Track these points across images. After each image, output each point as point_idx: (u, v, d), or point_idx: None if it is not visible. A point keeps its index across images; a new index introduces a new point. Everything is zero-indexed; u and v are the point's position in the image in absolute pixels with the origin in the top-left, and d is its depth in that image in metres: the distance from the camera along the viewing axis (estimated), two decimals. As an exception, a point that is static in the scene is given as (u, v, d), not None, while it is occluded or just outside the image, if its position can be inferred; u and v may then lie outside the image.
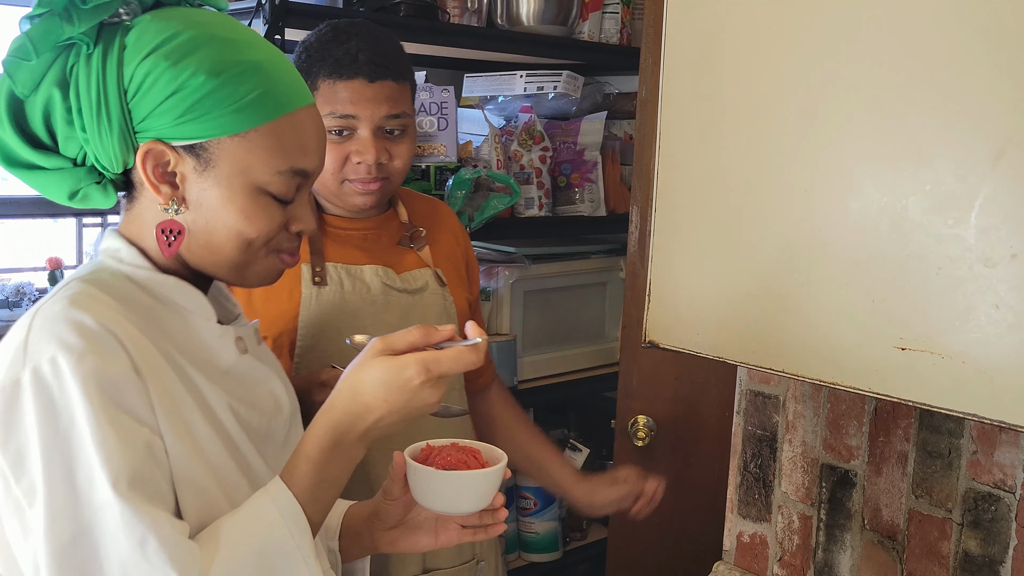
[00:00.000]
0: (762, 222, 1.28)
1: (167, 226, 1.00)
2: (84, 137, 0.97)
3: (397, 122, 1.54)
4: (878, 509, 1.60)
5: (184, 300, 1.04)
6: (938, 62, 1.09)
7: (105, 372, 0.90)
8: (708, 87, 1.34)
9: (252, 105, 0.97)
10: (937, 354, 1.11)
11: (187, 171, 0.99)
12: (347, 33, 1.53)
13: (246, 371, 1.09)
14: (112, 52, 0.95)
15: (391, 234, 1.67)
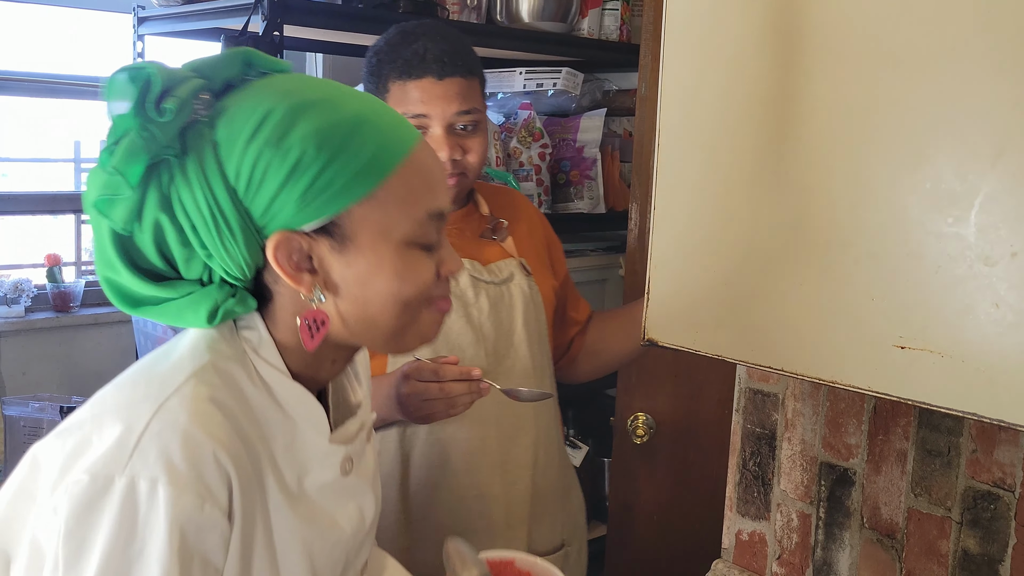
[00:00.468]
0: (761, 220, 1.27)
1: (311, 316, 0.92)
2: (206, 253, 0.89)
3: (468, 118, 1.55)
4: (877, 507, 1.59)
5: (302, 410, 0.96)
6: (938, 58, 1.09)
7: (198, 516, 0.84)
8: (708, 84, 1.34)
9: (372, 162, 0.90)
10: (936, 353, 1.10)
11: (324, 253, 0.91)
12: (414, 34, 1.54)
13: (342, 490, 1.02)
14: (206, 155, 0.87)
15: (473, 227, 1.69)
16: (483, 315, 1.61)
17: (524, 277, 1.68)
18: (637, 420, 2.41)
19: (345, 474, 1.01)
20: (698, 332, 1.38)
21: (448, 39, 1.55)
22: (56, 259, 3.17)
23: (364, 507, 1.06)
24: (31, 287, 3.10)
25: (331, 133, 0.89)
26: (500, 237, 1.69)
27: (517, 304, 1.65)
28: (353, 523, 1.04)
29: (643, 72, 2.36)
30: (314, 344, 0.93)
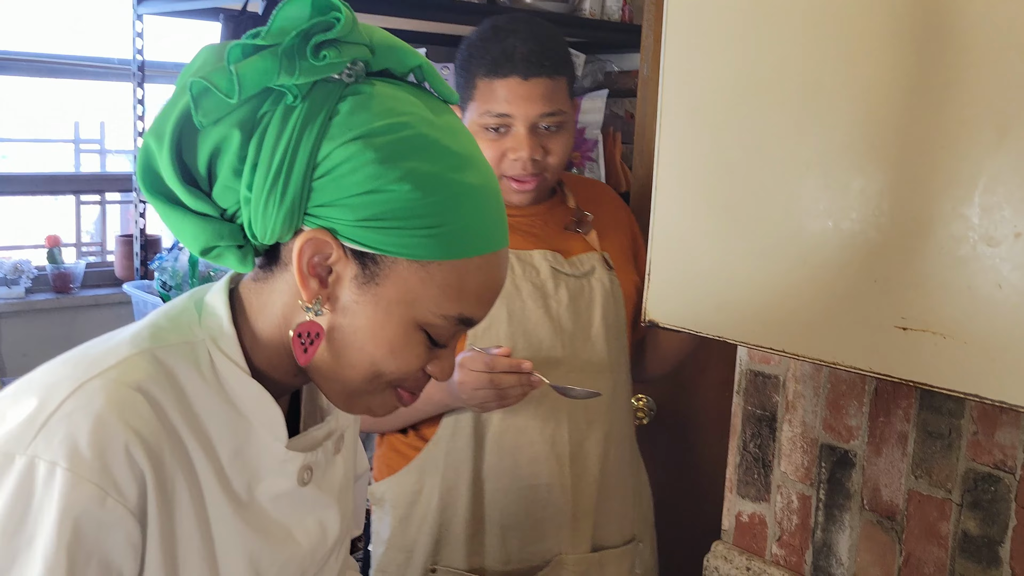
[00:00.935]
0: (763, 200, 1.27)
1: (307, 328, 0.86)
2: (246, 196, 0.83)
3: (552, 119, 1.56)
4: (877, 489, 1.59)
5: (258, 411, 0.90)
6: (941, 39, 1.08)
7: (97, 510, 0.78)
8: (710, 65, 1.33)
9: (449, 236, 0.83)
10: (939, 334, 1.10)
11: (346, 276, 0.85)
12: (505, 30, 1.55)
13: (299, 501, 0.95)
14: (318, 117, 0.81)
15: (558, 219, 1.71)
16: (562, 307, 1.62)
17: (606, 271, 1.69)
18: (638, 402, 2.41)
19: (303, 484, 0.94)
20: (699, 313, 1.37)
21: (538, 37, 1.55)
22: (56, 240, 3.17)
23: (326, 522, 0.99)
24: (31, 268, 3.10)
25: (438, 185, 0.83)
26: (584, 230, 1.70)
27: (597, 298, 1.65)
28: (312, 539, 0.97)
29: (645, 53, 2.35)
30: (307, 358, 0.87)
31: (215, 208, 0.85)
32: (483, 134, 1.55)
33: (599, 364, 1.64)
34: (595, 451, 1.64)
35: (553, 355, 1.60)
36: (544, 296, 1.61)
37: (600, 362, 1.64)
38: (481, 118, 1.54)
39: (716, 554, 1.85)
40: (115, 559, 0.80)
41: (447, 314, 0.87)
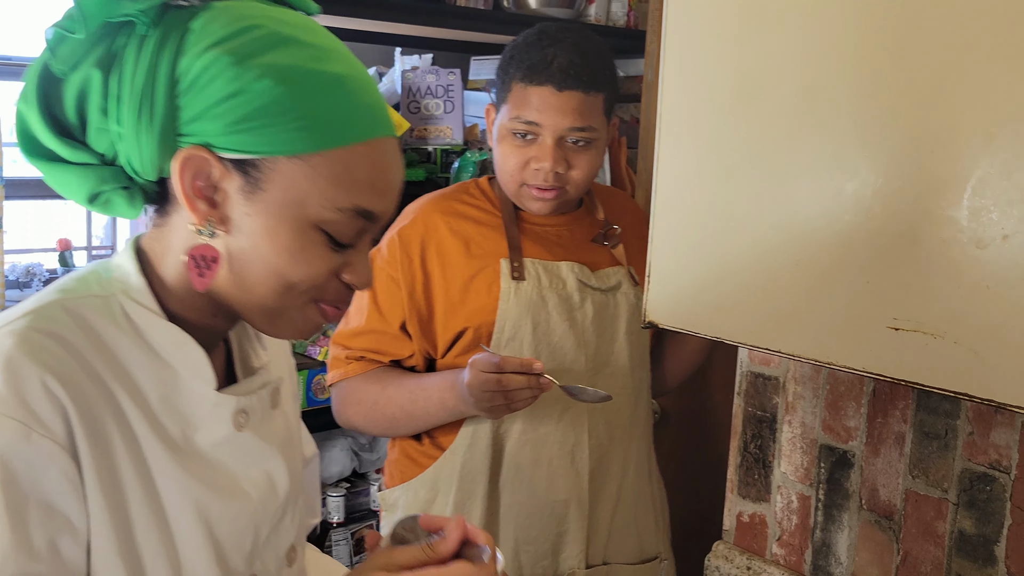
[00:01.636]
0: (759, 202, 1.29)
1: (200, 252, 0.84)
2: (119, 131, 0.82)
3: (581, 135, 1.54)
4: (875, 489, 1.61)
5: (180, 356, 0.88)
6: (932, 43, 1.10)
7: (24, 445, 0.75)
8: (708, 69, 1.35)
9: (323, 124, 0.82)
10: (929, 334, 1.12)
11: (231, 189, 0.83)
12: (551, 38, 1.53)
13: (239, 449, 0.92)
14: (171, 38, 0.80)
15: (585, 231, 1.69)
16: (587, 320, 1.61)
17: (632, 287, 1.68)
18: (641, 404, 2.43)
19: (239, 428, 0.91)
20: (698, 315, 1.39)
21: (582, 50, 1.53)
22: (67, 244, 3.20)
23: (273, 473, 0.96)
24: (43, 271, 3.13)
25: (300, 76, 0.82)
26: (611, 243, 1.68)
27: (622, 314, 1.64)
28: (260, 490, 0.94)
29: (649, 58, 2.37)
30: (204, 283, 0.85)
31: (93, 155, 0.84)
32: (510, 138, 1.55)
33: (623, 381, 1.64)
34: (615, 468, 1.63)
35: (576, 368, 1.59)
36: (570, 309, 1.60)
37: (624, 380, 1.64)
38: (511, 122, 1.54)
39: (717, 554, 1.87)
40: (56, 501, 0.78)
41: (341, 206, 0.84)
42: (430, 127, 2.51)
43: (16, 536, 0.75)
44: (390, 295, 1.59)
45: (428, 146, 2.51)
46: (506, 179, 1.59)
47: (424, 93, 2.51)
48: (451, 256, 1.60)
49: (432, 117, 2.51)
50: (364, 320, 1.60)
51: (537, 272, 1.59)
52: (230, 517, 0.90)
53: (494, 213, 1.65)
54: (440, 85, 2.51)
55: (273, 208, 0.83)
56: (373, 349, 1.61)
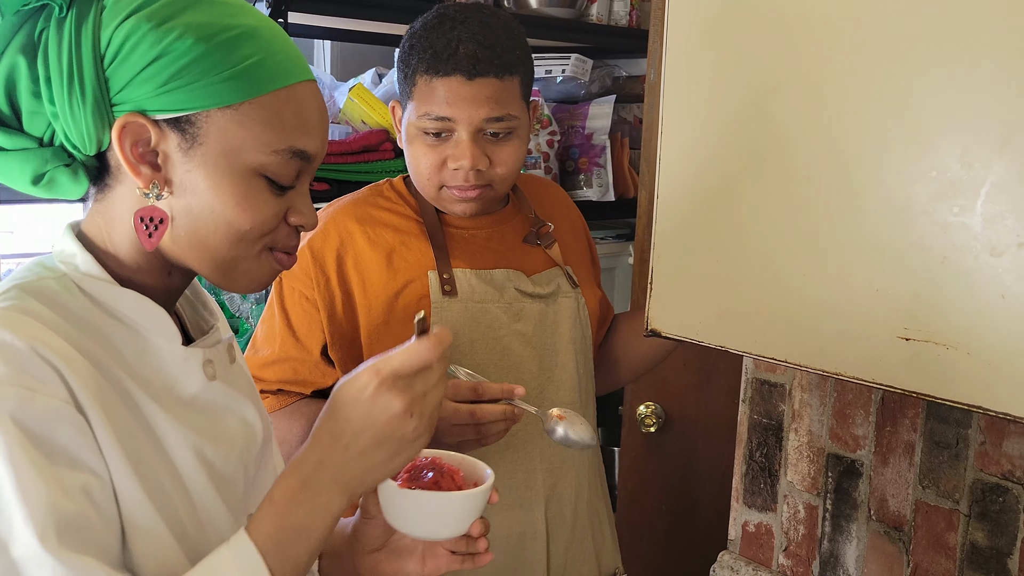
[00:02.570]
0: (765, 209, 1.26)
1: (147, 213, 0.88)
2: (52, 111, 0.85)
3: (500, 125, 1.38)
4: (884, 499, 1.58)
5: (144, 318, 0.91)
6: (944, 46, 1.07)
7: (32, 406, 0.78)
8: (712, 71, 1.32)
9: (246, 73, 0.86)
10: (942, 345, 1.09)
11: (170, 149, 0.87)
12: (452, 20, 1.37)
13: (214, 398, 0.96)
14: (88, 15, 0.84)
15: (515, 230, 1.53)
16: (528, 332, 1.47)
17: (571, 289, 1.53)
18: (646, 409, 2.39)
19: (211, 378, 0.95)
20: (702, 323, 1.36)
21: (490, 29, 1.36)
22: (66, 248, 3.17)
23: (247, 417, 1.00)
24: (41, 276, 3.10)
25: (216, 31, 0.86)
26: (545, 243, 1.53)
27: (563, 320, 1.50)
28: (241, 435, 0.98)
29: (652, 58, 2.34)
30: (152, 243, 0.88)
31: (30, 139, 0.87)
32: (421, 138, 1.39)
33: (570, 393, 1.50)
34: (569, 492, 1.49)
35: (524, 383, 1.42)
36: (509, 322, 1.45)
37: (570, 391, 1.50)
38: (419, 120, 1.37)
39: (722, 564, 1.83)
40: (76, 453, 0.80)
41: (276, 148, 0.88)
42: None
43: (50, 487, 0.77)
44: (306, 318, 1.42)
45: (428, 148, 2.49)
46: (423, 183, 1.42)
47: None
48: (371, 270, 1.43)
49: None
50: (277, 348, 1.43)
51: (470, 284, 1.44)
52: (221, 460, 0.94)
53: (414, 218, 1.48)
54: (440, 86, 2.48)
55: (212, 160, 0.87)
56: (291, 380, 1.43)
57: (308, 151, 0.91)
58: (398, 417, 0.86)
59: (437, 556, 1.04)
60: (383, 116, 2.35)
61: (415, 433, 0.87)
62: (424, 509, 0.95)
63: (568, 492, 1.49)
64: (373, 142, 2.28)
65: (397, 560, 1.05)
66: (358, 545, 1.05)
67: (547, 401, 1.46)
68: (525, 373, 1.45)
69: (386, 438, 0.86)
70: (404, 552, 1.05)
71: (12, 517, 0.76)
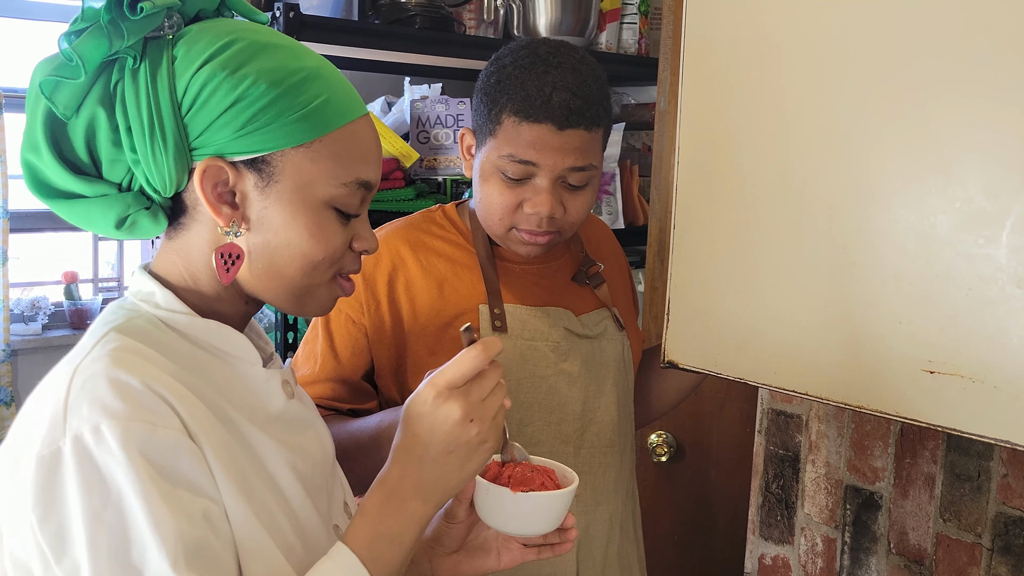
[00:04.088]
0: (784, 240, 1.24)
1: (226, 250, 0.93)
2: (134, 159, 0.90)
3: (580, 175, 1.36)
4: (904, 532, 1.55)
5: (228, 345, 0.97)
6: (968, 75, 1.06)
7: (155, 440, 0.83)
8: (728, 102, 1.31)
9: (316, 113, 0.92)
10: (967, 378, 1.07)
11: (247, 189, 0.92)
12: (546, 64, 1.34)
13: (295, 417, 1.02)
14: (161, 66, 0.89)
15: (565, 269, 1.52)
16: (575, 373, 1.44)
17: (617, 332, 1.51)
18: (658, 438, 2.37)
19: (290, 397, 1.01)
20: (720, 354, 1.34)
21: (583, 79, 1.34)
22: (73, 276, 3.17)
23: (320, 434, 1.06)
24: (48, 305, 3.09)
25: (287, 75, 0.91)
26: (594, 283, 1.51)
27: (609, 362, 1.48)
28: (316, 451, 1.04)
29: (662, 86, 2.33)
30: (230, 277, 0.94)
31: (111, 186, 0.92)
32: (499, 177, 1.36)
33: (610, 436, 1.48)
34: (601, 533, 1.47)
35: (564, 427, 1.43)
36: (556, 361, 1.43)
37: (611, 434, 1.48)
38: (500, 160, 1.35)
39: (739, 598, 1.81)
40: (195, 481, 0.85)
41: (345, 181, 0.94)
42: (440, 157, 2.47)
43: (177, 517, 0.81)
44: (351, 341, 1.41)
45: (438, 176, 2.47)
46: (492, 221, 1.40)
47: (434, 123, 2.47)
48: (422, 298, 1.41)
49: (442, 147, 2.47)
50: (317, 369, 1.42)
51: (520, 320, 1.42)
52: (310, 473, 1.00)
53: (467, 248, 1.46)
54: (450, 115, 2.47)
55: (287, 196, 0.92)
56: (328, 397, 1.42)
57: (371, 180, 0.98)
58: (459, 424, 0.92)
59: (511, 550, 1.11)
60: (393, 144, 2.34)
61: (479, 439, 0.93)
62: (531, 509, 1.02)
63: (600, 535, 1.47)
64: (384, 171, 2.28)
65: (475, 558, 1.11)
66: (438, 548, 1.11)
67: (588, 438, 1.44)
68: (568, 413, 1.43)
69: (452, 445, 0.92)
70: (481, 550, 1.11)
71: (146, 546, 0.80)
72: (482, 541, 1.11)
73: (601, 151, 1.40)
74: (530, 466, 1.06)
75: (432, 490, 0.94)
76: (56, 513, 0.81)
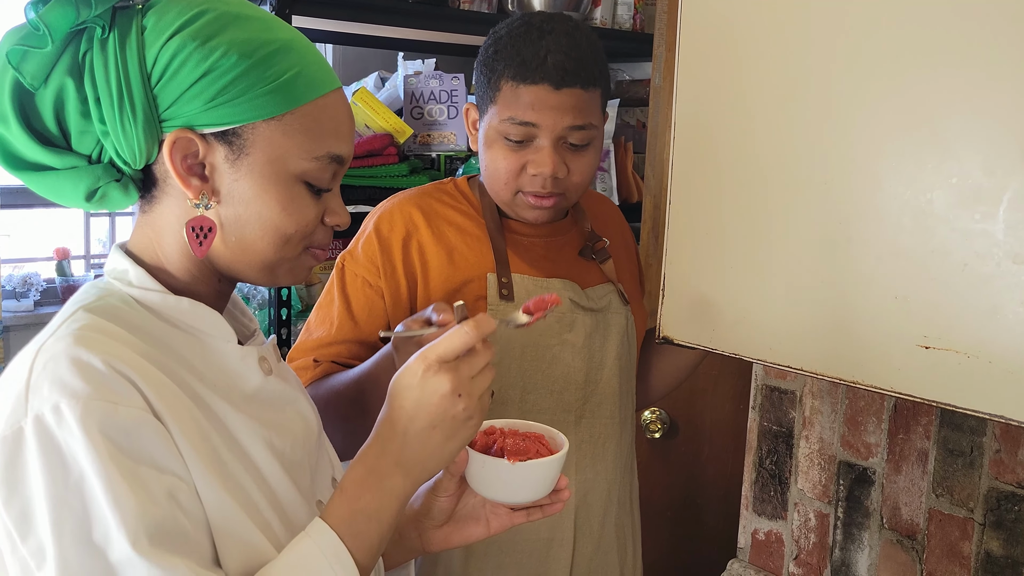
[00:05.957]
0: (780, 216, 1.24)
1: (197, 223, 0.92)
2: (103, 130, 0.89)
3: (581, 134, 1.40)
4: (897, 508, 1.56)
5: (201, 323, 0.96)
6: (965, 50, 1.05)
7: (116, 419, 0.82)
8: (724, 77, 1.30)
9: (288, 86, 0.91)
10: (963, 353, 1.07)
11: (217, 161, 0.91)
12: (540, 30, 1.39)
13: (273, 394, 1.01)
14: (130, 36, 0.87)
15: (572, 243, 1.55)
16: (578, 344, 1.48)
17: (622, 306, 1.54)
18: (652, 415, 2.38)
19: (267, 374, 1.01)
20: (715, 330, 1.34)
21: (576, 42, 1.39)
22: (65, 252, 3.15)
23: (302, 411, 1.05)
24: (40, 281, 3.08)
25: (258, 46, 0.90)
26: (600, 258, 1.55)
27: (612, 336, 1.51)
28: (299, 427, 1.03)
29: (657, 62, 2.33)
30: (203, 251, 0.93)
31: (80, 157, 0.91)
32: (502, 142, 1.41)
33: (610, 408, 1.51)
34: (599, 502, 1.51)
35: (568, 394, 1.47)
36: (560, 331, 1.47)
37: (611, 406, 1.51)
38: (502, 124, 1.39)
39: (732, 572, 1.82)
40: (159, 460, 0.84)
41: (317, 154, 0.93)
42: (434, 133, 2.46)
43: (138, 496, 0.81)
44: (368, 304, 1.44)
45: (432, 152, 2.46)
46: (499, 187, 1.44)
47: (427, 99, 2.46)
48: (433, 263, 1.45)
49: (436, 123, 2.46)
50: (334, 331, 1.45)
51: (527, 290, 1.46)
52: (289, 449, 0.99)
53: (477, 219, 1.50)
54: (444, 90, 2.46)
55: (258, 169, 0.91)
56: (347, 357, 1.44)
57: (343, 155, 0.97)
58: (447, 398, 0.91)
59: (500, 515, 1.11)
60: (386, 120, 2.33)
61: (466, 414, 0.92)
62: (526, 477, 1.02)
63: (598, 504, 1.50)
64: (377, 147, 2.27)
65: (464, 527, 1.11)
66: (427, 522, 1.11)
67: (589, 407, 1.48)
68: (571, 383, 1.47)
69: (438, 419, 0.91)
70: (470, 518, 1.12)
71: (108, 525, 0.80)
72: (470, 510, 1.12)
73: (599, 112, 1.43)
74: (519, 434, 1.06)
75: (413, 465, 0.93)
76: (20, 494, 0.81)
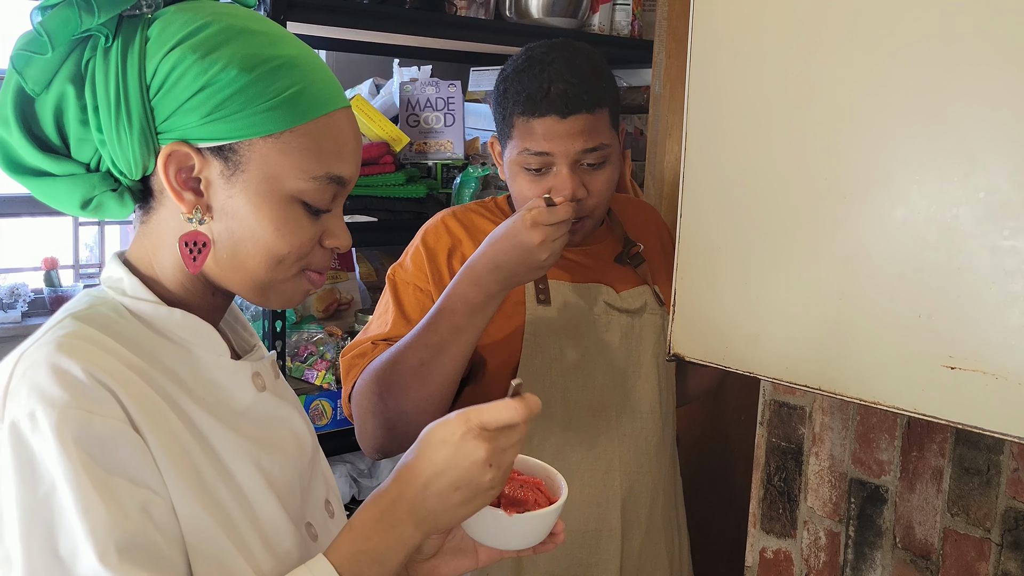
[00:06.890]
0: (797, 230, 1.20)
1: (191, 238, 0.91)
2: (100, 138, 0.88)
3: (595, 155, 1.46)
4: (911, 527, 1.52)
5: (193, 336, 0.95)
6: (992, 59, 1.01)
7: (91, 429, 0.81)
8: (738, 88, 1.27)
9: (288, 103, 0.89)
10: (990, 374, 1.03)
11: (213, 176, 0.90)
12: (541, 63, 1.46)
13: (266, 411, 1.00)
14: (133, 45, 0.87)
15: (607, 249, 1.61)
16: (615, 344, 1.54)
17: (658, 307, 1.59)
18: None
19: (260, 390, 0.99)
20: (727, 347, 1.30)
21: (577, 68, 1.45)
22: (54, 262, 3.10)
23: (296, 429, 1.03)
24: (28, 291, 3.03)
25: (258, 62, 0.88)
26: (635, 263, 1.60)
27: (648, 336, 1.57)
28: (291, 445, 1.01)
29: (657, 69, 2.29)
30: (197, 267, 0.92)
31: (78, 165, 0.91)
32: (523, 174, 1.48)
33: (651, 405, 1.56)
34: (645, 496, 1.55)
35: (605, 394, 1.52)
36: (597, 333, 1.53)
37: (652, 402, 1.56)
38: (520, 156, 1.46)
39: (739, 592, 1.78)
40: (134, 472, 0.83)
41: (315, 175, 0.91)
42: (430, 141, 2.42)
43: (110, 508, 0.80)
44: (419, 305, 1.50)
45: (428, 161, 2.42)
46: None
47: (423, 106, 2.42)
48: None
49: (432, 131, 2.42)
50: (388, 328, 1.51)
51: (563, 295, 1.52)
52: (279, 468, 0.97)
53: None
54: (440, 98, 2.42)
55: (253, 186, 0.90)
56: None
57: (344, 176, 0.94)
58: (478, 464, 0.89)
59: (490, 549, 1.09)
60: (382, 127, 2.29)
61: (490, 483, 0.91)
62: (523, 528, 1.00)
63: (644, 496, 1.56)
64: (374, 155, 2.22)
65: (453, 560, 1.09)
66: (416, 556, 1.08)
67: (629, 404, 1.54)
68: (609, 381, 1.53)
69: (464, 483, 0.90)
70: (459, 551, 1.09)
71: (76, 537, 0.79)
72: (459, 542, 1.10)
73: (610, 130, 1.50)
74: (517, 479, 1.05)
75: (426, 517, 0.92)
76: None
